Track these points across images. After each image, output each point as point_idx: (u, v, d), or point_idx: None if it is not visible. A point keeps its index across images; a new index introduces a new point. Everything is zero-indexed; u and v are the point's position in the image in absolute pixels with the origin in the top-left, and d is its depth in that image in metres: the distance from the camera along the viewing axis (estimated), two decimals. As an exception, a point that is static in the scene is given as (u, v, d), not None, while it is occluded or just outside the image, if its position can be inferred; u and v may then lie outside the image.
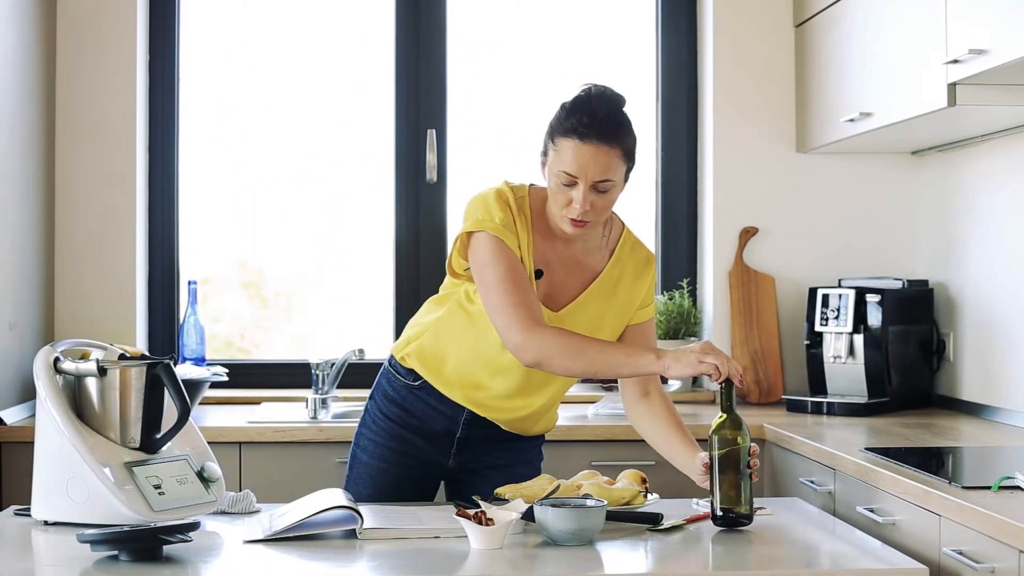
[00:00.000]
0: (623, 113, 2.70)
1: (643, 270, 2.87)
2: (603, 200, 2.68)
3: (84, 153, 4.22)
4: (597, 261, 2.83)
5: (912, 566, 2.30)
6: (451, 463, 2.93)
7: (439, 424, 2.90)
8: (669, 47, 4.49)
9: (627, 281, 2.84)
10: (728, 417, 2.56)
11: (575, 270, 2.81)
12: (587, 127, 2.63)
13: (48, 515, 2.57)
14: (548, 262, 2.78)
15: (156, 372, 2.60)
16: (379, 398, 2.97)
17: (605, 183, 2.65)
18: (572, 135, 2.64)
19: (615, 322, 2.85)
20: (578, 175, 2.64)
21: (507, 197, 2.75)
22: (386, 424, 2.94)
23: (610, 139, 2.64)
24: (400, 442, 2.92)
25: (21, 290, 3.91)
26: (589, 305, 2.81)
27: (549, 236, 2.78)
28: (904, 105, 3.49)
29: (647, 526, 2.58)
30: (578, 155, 2.63)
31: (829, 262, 4.36)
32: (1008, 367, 3.74)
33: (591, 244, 2.82)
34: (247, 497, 2.74)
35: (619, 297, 2.84)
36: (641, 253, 2.88)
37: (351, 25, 4.52)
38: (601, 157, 2.64)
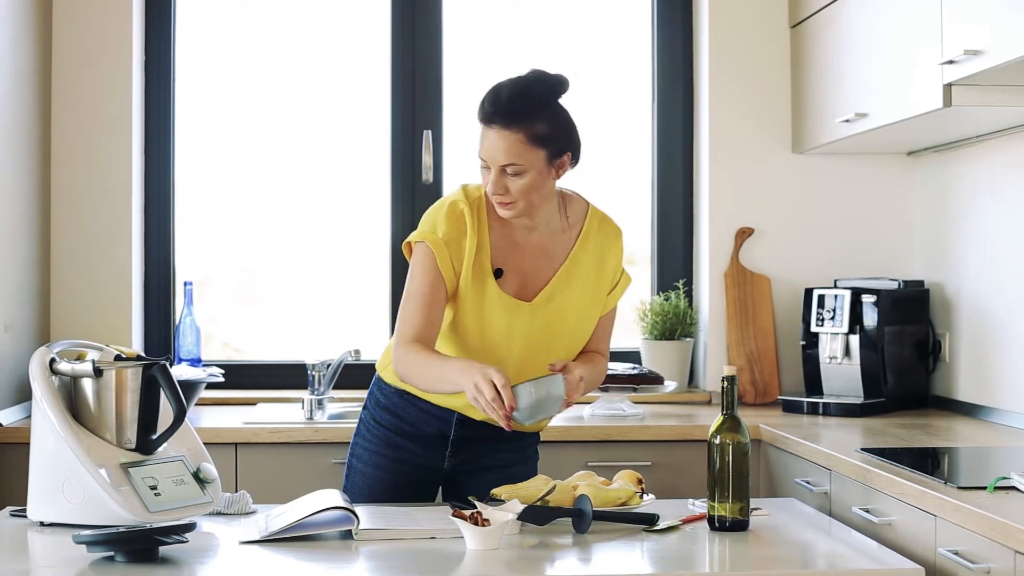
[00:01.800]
0: (534, 97, 2.70)
1: (611, 244, 2.86)
2: (517, 184, 2.69)
3: (80, 154, 4.22)
4: (565, 244, 2.83)
5: (908, 566, 2.30)
6: (446, 466, 2.92)
7: (432, 427, 2.89)
8: (665, 47, 4.49)
9: (597, 258, 2.84)
10: (728, 419, 2.56)
11: (543, 257, 2.82)
12: (490, 112, 2.68)
13: (44, 516, 2.56)
14: (511, 256, 2.79)
15: (152, 373, 2.60)
16: (371, 406, 2.98)
17: (512, 167, 2.67)
18: (481, 120, 2.70)
19: (594, 303, 2.84)
20: (486, 159, 2.69)
21: (460, 208, 2.77)
22: (380, 431, 2.94)
23: (511, 124, 2.66)
24: (394, 448, 2.92)
25: (17, 291, 3.90)
26: (562, 290, 2.81)
27: (511, 230, 2.80)
28: (900, 106, 3.50)
29: (643, 527, 2.58)
30: (484, 140, 2.69)
31: (825, 263, 4.36)
32: (1004, 367, 3.75)
33: (553, 227, 2.82)
34: (243, 498, 2.74)
35: (593, 275, 2.83)
36: (609, 228, 2.88)
37: (347, 26, 4.52)
38: (502, 141, 2.67)
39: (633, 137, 4.55)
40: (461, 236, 2.76)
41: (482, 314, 2.77)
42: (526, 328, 2.79)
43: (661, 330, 4.29)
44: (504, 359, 2.77)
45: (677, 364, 4.28)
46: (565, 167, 2.75)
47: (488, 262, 2.77)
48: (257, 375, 4.38)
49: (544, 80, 2.73)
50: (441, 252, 2.74)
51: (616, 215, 2.93)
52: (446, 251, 2.74)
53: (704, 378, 4.38)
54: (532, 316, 2.79)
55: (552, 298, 2.80)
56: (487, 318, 2.78)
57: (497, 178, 2.68)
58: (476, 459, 2.92)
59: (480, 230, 2.77)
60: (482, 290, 2.77)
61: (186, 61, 4.45)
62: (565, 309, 2.80)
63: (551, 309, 2.80)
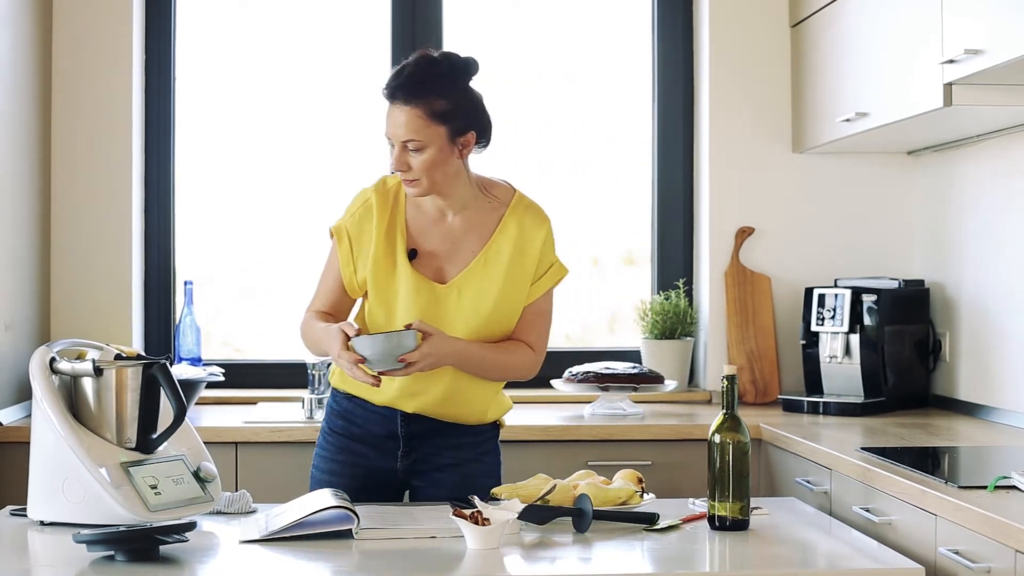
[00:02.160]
0: (436, 74, 2.74)
1: (535, 231, 2.86)
2: (418, 160, 2.74)
3: (80, 153, 4.22)
4: (486, 229, 2.85)
5: (908, 566, 2.30)
6: (400, 466, 2.90)
7: (380, 427, 2.89)
8: (665, 47, 4.49)
9: (519, 245, 2.84)
10: (728, 418, 2.56)
11: (462, 241, 2.84)
12: (392, 88, 2.75)
13: (44, 515, 2.57)
14: (428, 238, 2.83)
15: (152, 372, 2.60)
16: (328, 416, 2.98)
17: (413, 142, 2.72)
18: (385, 96, 2.76)
19: (513, 290, 2.84)
20: (390, 135, 2.76)
21: (366, 195, 2.87)
22: (333, 438, 2.94)
23: (411, 99, 2.72)
24: (347, 453, 2.92)
25: (17, 290, 3.90)
26: (479, 274, 2.81)
27: (428, 213, 2.85)
28: (900, 105, 3.50)
29: (643, 526, 2.58)
30: (388, 116, 2.76)
31: (825, 262, 4.36)
32: (1004, 367, 3.75)
33: (472, 211, 2.84)
34: (243, 497, 2.74)
35: (514, 262, 2.83)
36: (534, 215, 2.88)
37: (347, 26, 4.52)
38: (402, 116, 2.73)
39: (633, 136, 4.55)
40: (365, 222, 2.84)
41: (397, 295, 2.81)
42: (440, 311, 2.80)
43: (661, 329, 4.29)
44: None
45: (677, 363, 4.28)
46: (470, 146, 2.78)
47: (403, 244, 2.81)
48: (257, 374, 4.38)
49: (449, 59, 2.78)
50: (342, 241, 2.87)
51: (616, 214, 2.93)
52: (346, 241, 2.86)
53: (704, 377, 4.38)
54: (447, 299, 2.80)
55: (468, 282, 2.81)
56: (402, 299, 2.80)
57: (399, 154, 2.74)
58: (429, 458, 2.90)
59: (396, 212, 2.83)
60: (395, 270, 2.81)
61: (186, 60, 4.45)
62: (482, 294, 2.81)
63: (467, 293, 2.81)
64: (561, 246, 2.97)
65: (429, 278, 2.81)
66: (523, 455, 3.65)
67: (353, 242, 2.84)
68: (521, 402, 4.24)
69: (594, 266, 4.57)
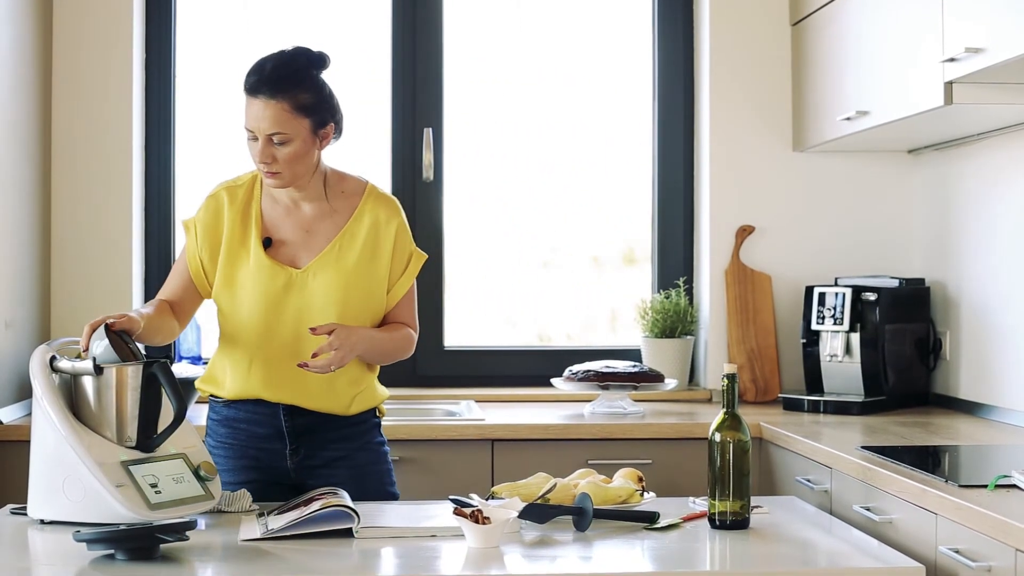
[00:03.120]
0: (298, 69, 2.82)
1: (389, 220, 2.92)
2: (283, 153, 2.79)
3: (80, 152, 4.22)
4: (341, 216, 2.91)
5: (909, 565, 2.30)
6: (290, 464, 2.90)
7: (264, 426, 2.89)
8: (665, 45, 4.49)
9: (373, 233, 2.89)
10: (728, 416, 2.56)
11: (315, 230, 2.89)
12: (255, 83, 2.78)
13: (44, 514, 2.56)
14: (283, 229, 2.89)
15: (152, 371, 2.60)
16: (210, 430, 2.97)
17: (279, 135, 2.77)
18: (246, 91, 2.79)
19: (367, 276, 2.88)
20: (254, 129, 2.79)
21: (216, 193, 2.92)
22: (220, 449, 2.93)
23: (276, 93, 2.77)
24: (237, 458, 2.91)
25: (17, 288, 3.90)
26: (334, 262, 2.86)
27: (282, 204, 2.90)
28: (901, 104, 3.50)
29: (643, 525, 2.58)
30: (249, 110, 2.79)
31: (826, 261, 4.36)
32: (1005, 365, 3.75)
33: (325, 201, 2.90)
34: (244, 496, 2.74)
35: (369, 250, 2.88)
36: (386, 205, 2.95)
37: (347, 24, 4.52)
38: (268, 110, 2.77)
39: (634, 135, 4.55)
40: (215, 217, 2.89)
41: (252, 283, 2.85)
42: (297, 298, 2.84)
43: (662, 328, 4.29)
44: (277, 329, 2.84)
45: (678, 362, 4.28)
46: (329, 138, 2.87)
47: (258, 232, 2.87)
48: (257, 373, 4.38)
49: (305, 53, 2.86)
50: (189, 233, 2.92)
51: (616, 213, 2.93)
52: (193, 233, 2.91)
53: (705, 376, 4.38)
54: (303, 286, 2.85)
55: (322, 267, 2.86)
56: (257, 287, 2.84)
57: (264, 147, 2.78)
58: (317, 453, 2.90)
59: (249, 203, 2.90)
60: (248, 258, 2.86)
61: (187, 60, 4.45)
62: (336, 279, 2.85)
63: (321, 278, 2.85)
64: (562, 245, 2.98)
65: (283, 263, 2.86)
66: (523, 454, 3.65)
67: (200, 235, 2.90)
68: (521, 400, 4.26)
69: (594, 265, 4.58)
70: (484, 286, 4.55)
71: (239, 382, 2.88)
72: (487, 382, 4.42)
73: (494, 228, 4.56)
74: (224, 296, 2.88)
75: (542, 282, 4.56)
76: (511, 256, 4.57)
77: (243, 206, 2.90)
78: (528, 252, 4.56)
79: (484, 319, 4.57)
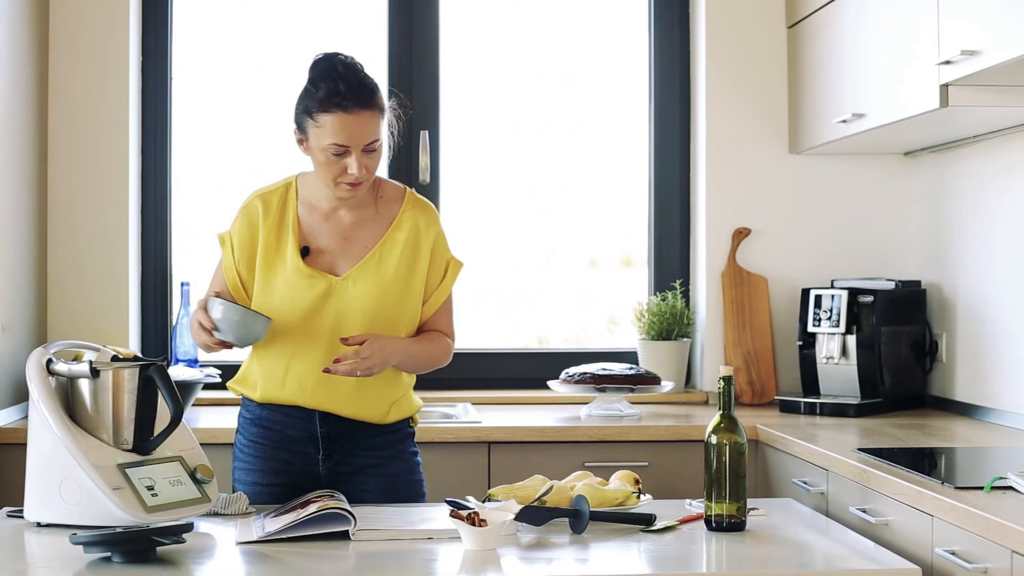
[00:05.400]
0: (367, 73, 2.83)
1: (428, 227, 2.91)
2: (373, 160, 2.81)
3: (77, 154, 4.22)
4: (381, 223, 2.90)
5: (905, 566, 2.30)
6: (322, 470, 2.89)
7: (298, 429, 2.89)
8: (662, 48, 4.50)
9: (413, 240, 2.89)
10: (725, 419, 2.56)
11: (354, 237, 2.88)
12: (346, 97, 2.75)
13: (41, 517, 2.56)
14: (321, 236, 2.87)
15: (149, 373, 2.60)
16: (241, 427, 2.98)
17: (374, 143, 2.78)
18: (333, 108, 2.75)
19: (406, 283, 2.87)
20: (349, 144, 2.76)
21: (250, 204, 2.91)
22: (252, 448, 2.93)
23: (369, 103, 2.78)
24: (269, 460, 2.91)
25: (14, 291, 3.90)
26: (375, 269, 2.85)
27: (320, 212, 2.89)
28: (896, 106, 3.50)
29: (640, 527, 2.58)
30: (346, 126, 2.75)
31: (822, 263, 4.36)
32: (1000, 367, 3.75)
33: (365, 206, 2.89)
34: (240, 499, 2.74)
35: (409, 257, 2.87)
36: (425, 209, 2.94)
37: (344, 26, 4.52)
38: (366, 123, 2.76)
39: (630, 137, 4.55)
40: (250, 228, 2.88)
41: (291, 291, 2.83)
42: (336, 306, 2.83)
43: (658, 330, 4.29)
44: (314, 337, 2.82)
45: (674, 364, 4.29)
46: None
47: (295, 241, 2.86)
48: (254, 375, 4.37)
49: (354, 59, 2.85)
50: (225, 246, 2.92)
51: (613, 215, 2.93)
52: (229, 246, 2.90)
53: (701, 378, 4.38)
54: (342, 293, 2.83)
55: (363, 275, 2.84)
56: (295, 295, 2.83)
57: (360, 159, 2.77)
58: (350, 460, 2.90)
59: (285, 212, 2.88)
60: (287, 267, 2.84)
61: (183, 60, 4.45)
62: (375, 287, 2.84)
63: (360, 286, 2.84)
64: (559, 247, 2.98)
65: (323, 271, 2.85)
66: (520, 456, 3.65)
67: (236, 247, 2.88)
68: (518, 403, 4.26)
69: (591, 267, 4.58)
70: (480, 289, 4.55)
71: (274, 387, 2.87)
72: (483, 384, 4.42)
73: (490, 231, 4.56)
74: (262, 304, 2.85)
75: (539, 284, 4.57)
76: (507, 259, 4.57)
77: (278, 214, 2.88)
78: (525, 255, 4.57)
79: (481, 321, 4.56)
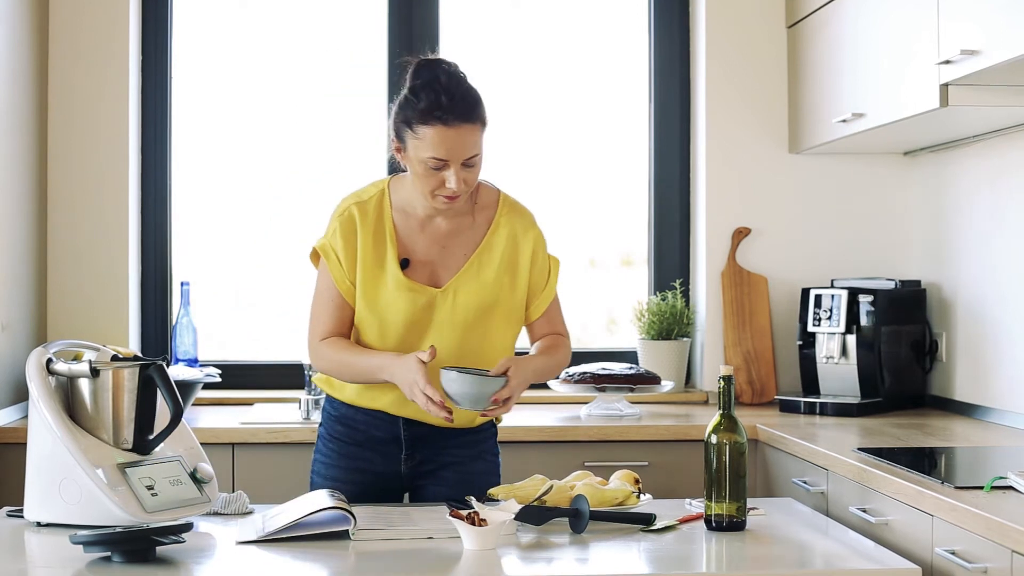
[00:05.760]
0: (471, 84, 2.75)
1: (526, 231, 2.86)
2: (473, 173, 2.73)
3: (77, 154, 4.22)
4: (478, 229, 2.85)
5: (905, 566, 2.30)
6: (404, 470, 2.90)
7: (382, 430, 2.88)
8: (662, 47, 4.50)
9: (511, 245, 2.84)
10: (724, 418, 2.56)
11: (453, 244, 2.83)
12: (448, 111, 2.67)
13: (41, 516, 2.56)
14: (418, 245, 2.82)
15: (149, 373, 2.60)
16: (325, 421, 2.97)
17: (474, 158, 2.71)
18: (434, 121, 2.67)
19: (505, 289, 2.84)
20: (449, 157, 2.68)
21: (349, 211, 2.82)
22: (334, 444, 2.93)
23: (471, 117, 2.70)
24: (350, 459, 2.91)
25: (13, 291, 3.90)
26: (474, 277, 2.81)
27: (416, 220, 2.83)
28: (896, 106, 3.50)
29: (640, 527, 2.58)
30: (445, 139, 2.67)
31: (822, 262, 4.36)
32: (1000, 367, 3.75)
33: (461, 214, 2.83)
34: (240, 498, 2.74)
35: (507, 262, 2.84)
36: (522, 213, 2.89)
37: (344, 26, 4.52)
38: (467, 136, 2.68)
39: (630, 137, 4.55)
40: (350, 237, 2.81)
41: (392, 303, 2.79)
42: (437, 316, 2.80)
43: (658, 330, 4.29)
44: (413, 349, 2.78)
45: (674, 364, 4.28)
46: None
47: (394, 252, 2.80)
48: (254, 375, 4.38)
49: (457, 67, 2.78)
50: (329, 258, 2.82)
51: (613, 215, 2.92)
52: (334, 256, 2.82)
53: (701, 378, 4.38)
54: (442, 304, 2.80)
55: (463, 285, 2.81)
56: (398, 308, 2.79)
57: (458, 172, 2.70)
58: (432, 458, 2.89)
59: (381, 221, 2.82)
60: (385, 279, 2.79)
61: (183, 61, 4.45)
62: (477, 296, 2.81)
63: (462, 296, 2.81)
64: (558, 247, 2.98)
65: (423, 283, 2.80)
66: (520, 456, 3.64)
67: (343, 258, 2.81)
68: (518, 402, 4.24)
69: (591, 267, 4.58)
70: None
71: (368, 396, 2.85)
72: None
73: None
74: (362, 315, 2.82)
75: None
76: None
77: (375, 223, 2.81)
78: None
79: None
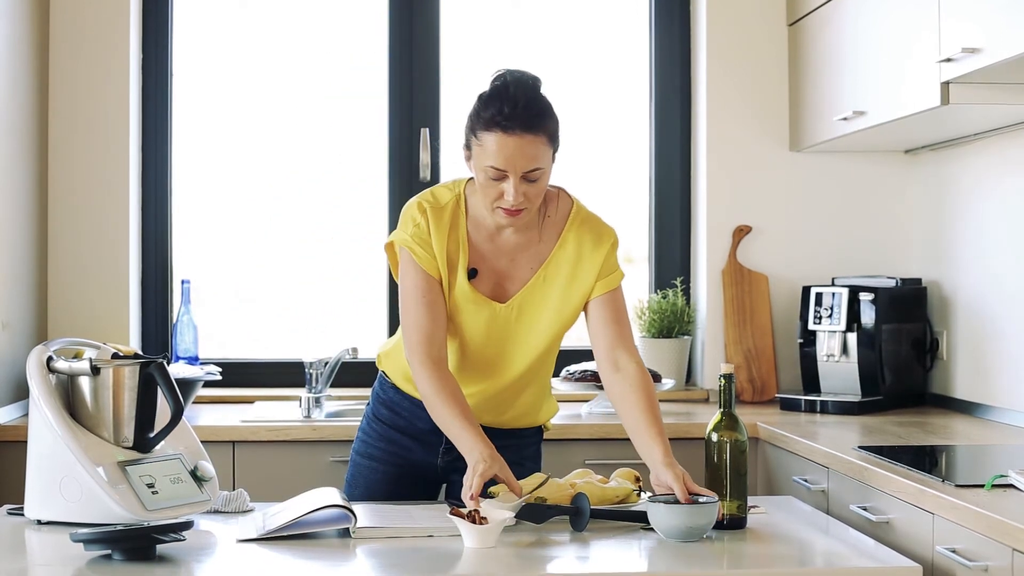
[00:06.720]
0: (543, 96, 2.66)
1: (595, 249, 2.78)
2: (535, 188, 2.64)
3: (77, 152, 4.22)
4: (545, 243, 2.78)
5: (906, 564, 2.30)
6: (440, 462, 2.91)
7: (425, 422, 2.86)
8: (662, 45, 4.49)
9: (579, 259, 2.78)
10: (725, 416, 2.56)
11: (520, 257, 2.78)
12: (509, 118, 2.59)
13: (41, 514, 2.56)
14: (487, 256, 2.76)
15: (149, 371, 2.60)
16: (373, 402, 3.00)
17: (535, 172, 2.61)
18: (495, 128, 2.60)
19: (574, 303, 2.79)
20: (507, 168, 2.60)
21: (425, 206, 2.74)
22: (377, 426, 2.95)
23: (534, 127, 2.59)
24: (388, 442, 2.93)
25: (14, 289, 3.90)
26: (539, 291, 2.77)
27: (486, 229, 2.76)
28: (897, 104, 3.50)
29: (640, 524, 2.58)
30: (504, 148, 2.59)
31: (822, 261, 4.36)
32: (1001, 365, 3.75)
33: (531, 226, 2.77)
34: (240, 496, 2.74)
35: (574, 277, 2.78)
36: (594, 229, 2.81)
37: (345, 24, 4.52)
38: (528, 147, 2.59)
39: (631, 135, 4.55)
40: (427, 233, 2.73)
41: (456, 315, 2.76)
42: (501, 330, 2.77)
43: (659, 328, 4.29)
44: (473, 359, 2.78)
45: (675, 362, 4.28)
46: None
47: (464, 261, 2.74)
48: (255, 373, 4.38)
49: (537, 79, 2.70)
50: (415, 249, 2.73)
51: (613, 213, 2.91)
52: (419, 247, 2.73)
53: (702, 376, 4.38)
54: (506, 318, 2.77)
55: (527, 301, 2.77)
56: (462, 319, 2.76)
57: (518, 185, 2.61)
58: None
59: (456, 227, 2.75)
60: (457, 288, 2.75)
61: (183, 59, 4.45)
62: (540, 311, 2.78)
63: (525, 313, 2.77)
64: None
65: (487, 296, 2.76)
66: (520, 454, 3.64)
67: (423, 246, 2.73)
68: (518, 401, 4.25)
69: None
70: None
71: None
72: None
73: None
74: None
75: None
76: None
77: (449, 229, 2.73)
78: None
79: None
